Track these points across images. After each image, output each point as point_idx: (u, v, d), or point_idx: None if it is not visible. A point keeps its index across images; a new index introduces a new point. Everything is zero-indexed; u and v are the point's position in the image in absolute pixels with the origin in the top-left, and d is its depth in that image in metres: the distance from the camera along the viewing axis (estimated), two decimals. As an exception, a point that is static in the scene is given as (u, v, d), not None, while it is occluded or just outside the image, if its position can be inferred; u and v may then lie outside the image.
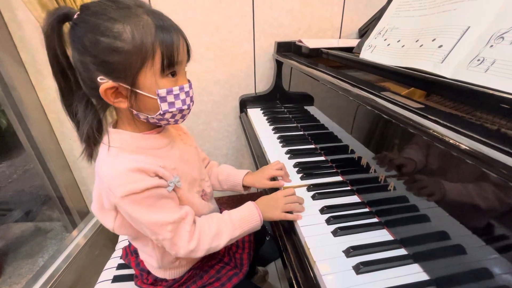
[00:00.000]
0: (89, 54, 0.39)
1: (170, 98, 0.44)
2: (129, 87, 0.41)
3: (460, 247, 0.37)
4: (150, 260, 0.57)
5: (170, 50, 0.41)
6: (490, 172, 0.32)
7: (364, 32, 1.13)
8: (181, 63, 0.44)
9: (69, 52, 0.42)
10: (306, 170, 0.69)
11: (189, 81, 0.47)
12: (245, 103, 1.20)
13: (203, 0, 1.06)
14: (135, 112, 0.45)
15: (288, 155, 0.78)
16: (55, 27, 0.39)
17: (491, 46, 0.41)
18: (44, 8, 0.82)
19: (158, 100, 0.43)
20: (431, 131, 0.39)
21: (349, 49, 0.86)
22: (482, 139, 0.33)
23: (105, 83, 0.40)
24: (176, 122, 0.48)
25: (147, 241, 0.53)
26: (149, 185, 0.43)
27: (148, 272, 0.60)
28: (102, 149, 0.46)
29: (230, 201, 1.51)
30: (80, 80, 0.42)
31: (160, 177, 0.46)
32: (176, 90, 0.44)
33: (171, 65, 0.42)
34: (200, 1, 1.06)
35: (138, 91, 0.42)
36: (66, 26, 0.41)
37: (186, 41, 0.46)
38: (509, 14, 0.41)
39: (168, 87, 0.43)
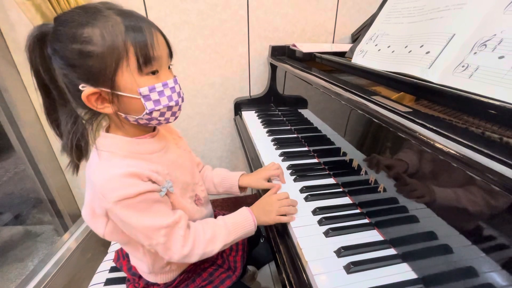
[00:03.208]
0: (67, 64, 0.39)
1: (154, 96, 0.43)
2: (110, 91, 0.41)
3: (447, 247, 0.38)
4: (141, 266, 0.56)
5: (143, 46, 0.40)
6: (474, 174, 0.33)
7: (356, 37, 1.15)
8: (160, 58, 0.43)
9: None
10: (300, 172, 0.70)
11: (174, 76, 0.46)
12: (239, 106, 1.20)
13: (198, 4, 1.07)
14: (123, 115, 0.44)
15: (282, 157, 0.78)
16: (36, 44, 0.40)
17: (475, 53, 0.43)
18: (38, 10, 0.82)
19: (142, 99, 0.42)
20: (417, 134, 0.40)
21: (341, 54, 0.88)
22: (466, 142, 0.35)
23: (86, 90, 0.40)
24: (167, 121, 0.47)
25: (137, 247, 0.52)
26: (143, 190, 0.43)
27: (140, 277, 0.60)
28: (93, 153, 0.45)
29: (224, 204, 1.51)
30: (68, 92, 0.42)
31: (153, 182, 0.45)
32: (159, 86, 0.43)
33: (147, 62, 0.41)
34: (196, 5, 1.07)
35: (119, 93, 0.41)
36: None
37: (162, 35, 0.44)
38: (491, 23, 0.43)
39: (149, 85, 0.42)
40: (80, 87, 0.40)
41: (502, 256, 0.31)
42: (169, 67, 0.47)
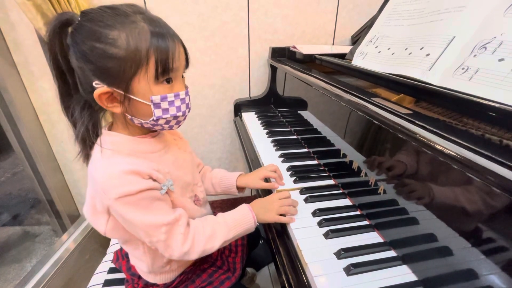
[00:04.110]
0: (86, 59, 0.40)
1: (164, 105, 0.44)
2: (123, 93, 0.42)
3: (447, 249, 0.38)
4: (141, 265, 0.56)
5: (164, 57, 0.41)
6: (474, 176, 0.33)
7: (356, 39, 1.16)
8: (177, 69, 0.44)
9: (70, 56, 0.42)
10: (299, 174, 0.70)
11: (186, 87, 0.48)
12: (239, 107, 1.20)
13: (199, 5, 1.08)
14: (129, 116, 0.45)
15: (282, 159, 0.78)
16: (57, 31, 0.40)
17: (475, 55, 0.43)
18: (39, 10, 0.82)
19: (152, 106, 0.43)
20: (417, 135, 0.40)
21: (342, 56, 0.88)
22: (466, 144, 0.35)
23: (99, 88, 0.41)
24: (170, 128, 0.49)
25: (137, 245, 0.53)
26: (143, 187, 0.43)
27: (139, 277, 0.60)
28: (96, 151, 0.46)
29: (223, 205, 1.51)
30: (79, 84, 0.43)
31: (154, 180, 0.46)
32: (171, 97, 0.44)
33: (165, 72, 0.42)
34: (196, 6, 1.08)
35: (131, 96, 0.42)
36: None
37: (184, 47, 0.46)
38: (491, 25, 0.43)
39: (162, 93, 0.43)
40: (94, 84, 0.41)
41: (502, 258, 0.31)
42: (182, 76, 0.48)
